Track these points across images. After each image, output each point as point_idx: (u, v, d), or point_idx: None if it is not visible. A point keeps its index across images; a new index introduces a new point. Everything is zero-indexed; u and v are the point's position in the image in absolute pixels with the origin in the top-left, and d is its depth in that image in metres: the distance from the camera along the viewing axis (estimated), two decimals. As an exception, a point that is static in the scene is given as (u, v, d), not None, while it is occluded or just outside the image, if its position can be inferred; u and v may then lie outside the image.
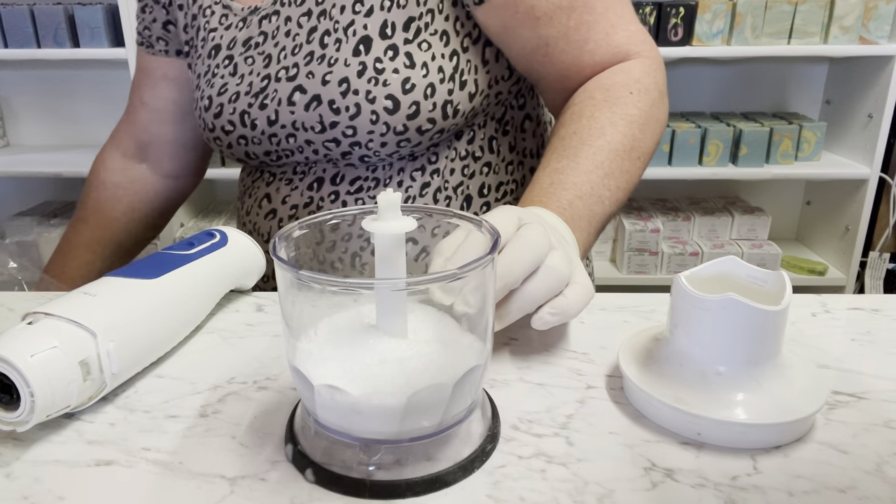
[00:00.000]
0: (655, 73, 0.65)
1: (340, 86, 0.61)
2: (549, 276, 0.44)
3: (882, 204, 1.84)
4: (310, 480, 0.36)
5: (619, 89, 0.62)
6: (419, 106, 0.62)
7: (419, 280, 0.34)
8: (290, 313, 0.36)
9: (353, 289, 0.36)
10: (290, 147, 0.66)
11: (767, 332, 0.39)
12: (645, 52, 0.65)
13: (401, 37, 0.62)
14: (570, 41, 0.63)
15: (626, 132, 0.60)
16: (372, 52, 0.61)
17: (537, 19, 0.62)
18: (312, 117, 0.63)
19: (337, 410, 0.35)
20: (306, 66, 0.63)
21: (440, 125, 0.64)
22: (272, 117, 0.65)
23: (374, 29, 0.62)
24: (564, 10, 0.62)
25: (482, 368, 0.37)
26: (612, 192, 0.59)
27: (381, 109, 0.61)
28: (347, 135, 0.63)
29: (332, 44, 0.63)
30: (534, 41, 0.63)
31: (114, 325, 0.43)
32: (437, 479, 0.36)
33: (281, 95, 0.64)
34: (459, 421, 0.37)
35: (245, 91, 0.67)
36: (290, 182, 0.70)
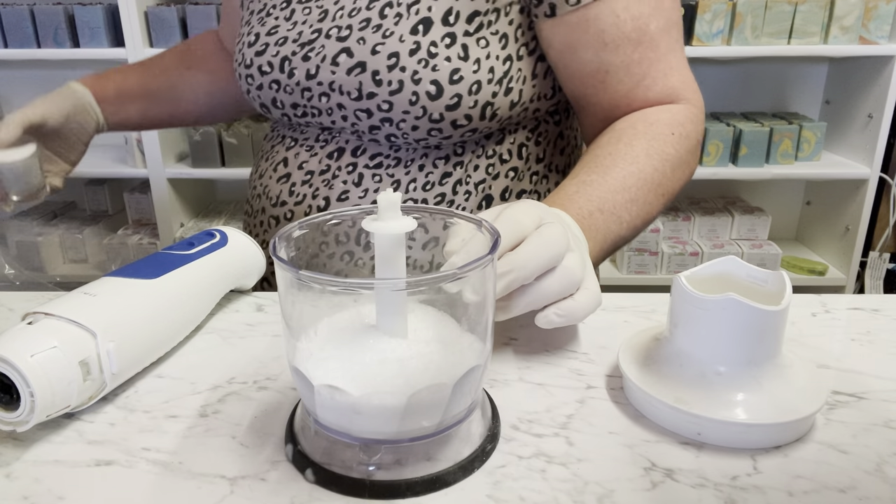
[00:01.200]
0: (697, 124, 0.67)
1: (389, 59, 0.61)
2: (563, 277, 0.44)
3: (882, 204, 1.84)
4: (310, 480, 0.36)
5: (663, 127, 0.64)
6: (461, 100, 0.62)
7: (419, 280, 0.34)
8: (290, 313, 0.36)
9: (353, 289, 0.36)
10: (320, 106, 0.66)
11: (767, 332, 0.39)
12: (694, 100, 0.67)
13: (462, 27, 0.62)
14: (630, 73, 0.64)
15: (658, 167, 0.61)
16: (429, 35, 0.61)
17: (604, 45, 0.63)
18: (352, 82, 0.63)
19: (337, 410, 0.35)
20: (360, 31, 0.63)
21: (475, 124, 0.64)
22: (312, 71, 0.65)
23: (437, 12, 0.62)
24: (632, 42, 0.63)
25: (482, 368, 0.37)
26: (632, 217, 0.59)
27: (423, 92, 0.61)
28: (382, 109, 0.62)
29: (391, 16, 0.62)
30: (594, 65, 0.64)
31: (114, 325, 0.43)
32: (437, 479, 0.36)
33: (327, 52, 0.64)
34: (459, 421, 0.37)
35: (293, 38, 0.67)
36: (310, 149, 0.70)
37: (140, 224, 1.94)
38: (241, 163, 1.75)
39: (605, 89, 0.66)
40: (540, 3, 0.63)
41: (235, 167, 1.75)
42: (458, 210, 0.53)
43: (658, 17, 0.64)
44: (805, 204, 2.05)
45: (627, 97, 0.66)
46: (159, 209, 1.80)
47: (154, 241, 1.84)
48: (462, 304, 0.37)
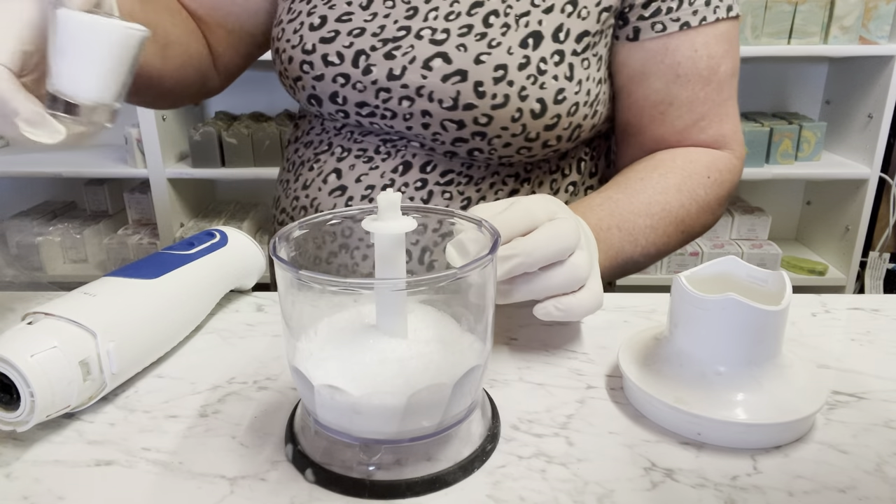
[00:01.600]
0: (735, 175, 0.68)
1: (496, 71, 0.58)
2: (569, 272, 0.44)
3: (882, 204, 1.83)
4: (310, 480, 0.36)
5: (701, 167, 0.64)
6: (559, 121, 0.60)
7: (419, 280, 0.34)
8: (290, 313, 0.36)
9: (353, 289, 0.36)
10: (398, 110, 0.61)
11: (767, 332, 0.39)
12: (738, 152, 0.68)
13: (570, 46, 0.60)
14: (692, 110, 0.65)
15: (685, 204, 0.62)
16: (539, 50, 0.59)
17: (676, 77, 0.63)
18: (447, 90, 0.58)
19: (337, 410, 0.35)
20: (460, 37, 0.59)
21: (560, 145, 0.63)
22: (396, 72, 0.60)
23: (548, 27, 0.60)
24: (702, 79, 0.63)
25: (482, 368, 0.37)
26: (648, 244, 0.60)
27: (527, 110, 0.59)
28: (479, 122, 0.59)
29: (497, 26, 0.59)
30: (660, 95, 0.64)
31: (114, 325, 0.43)
32: (437, 479, 0.36)
33: (417, 54, 0.59)
34: (459, 421, 0.37)
35: (373, 32, 0.61)
36: (369, 160, 0.64)
37: (140, 224, 1.94)
38: (241, 163, 1.75)
39: (662, 122, 0.65)
40: (624, 26, 0.63)
41: (235, 167, 1.75)
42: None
43: (728, 61, 0.64)
44: (805, 204, 2.05)
45: (682, 133, 0.66)
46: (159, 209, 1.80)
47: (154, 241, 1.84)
48: (462, 303, 0.37)
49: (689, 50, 0.62)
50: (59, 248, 1.87)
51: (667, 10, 0.62)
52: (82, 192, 2.01)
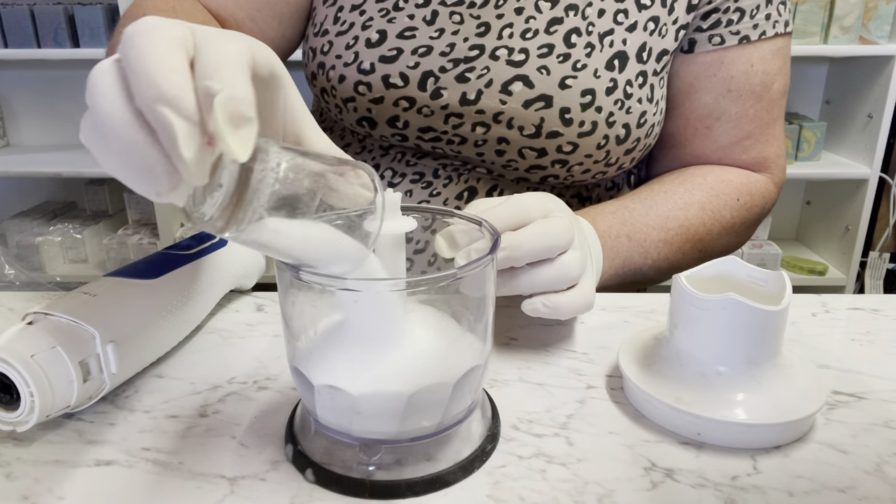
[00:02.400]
0: (768, 201, 0.65)
1: (584, 96, 0.54)
2: (557, 270, 0.43)
3: (882, 204, 1.83)
4: (310, 480, 0.36)
5: (732, 189, 0.61)
6: (638, 143, 0.58)
7: (419, 280, 0.34)
8: (289, 313, 0.36)
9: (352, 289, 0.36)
10: (468, 136, 0.56)
11: (767, 332, 0.39)
12: (777, 177, 0.65)
13: (652, 66, 0.58)
14: (739, 127, 0.62)
15: (707, 223, 0.59)
16: (626, 72, 0.56)
17: (728, 91, 0.61)
18: (530, 117, 0.55)
19: (337, 410, 0.35)
20: (540, 58, 0.55)
21: (629, 166, 0.61)
22: (470, 96, 0.55)
23: (632, 47, 0.56)
24: (754, 96, 0.61)
25: (482, 368, 0.37)
26: (659, 258, 0.57)
27: (613, 136, 0.56)
28: (564, 150, 0.55)
29: (581, 46, 0.55)
30: (708, 109, 0.62)
31: (114, 325, 0.43)
32: (437, 479, 0.36)
33: (494, 77, 0.55)
34: (459, 421, 0.37)
35: (441, 51, 0.55)
36: (428, 185, 0.59)
37: (140, 224, 1.94)
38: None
39: (707, 136, 0.63)
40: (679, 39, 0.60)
41: (235, 167, 1.75)
42: None
43: (781, 78, 0.62)
44: (805, 204, 2.05)
45: (723, 151, 0.63)
46: (159, 209, 1.80)
47: (154, 241, 1.84)
48: (462, 304, 0.37)
49: (744, 64, 0.60)
50: (59, 248, 1.87)
51: (727, 22, 0.59)
52: (82, 192, 2.01)
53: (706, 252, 0.61)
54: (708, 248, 0.61)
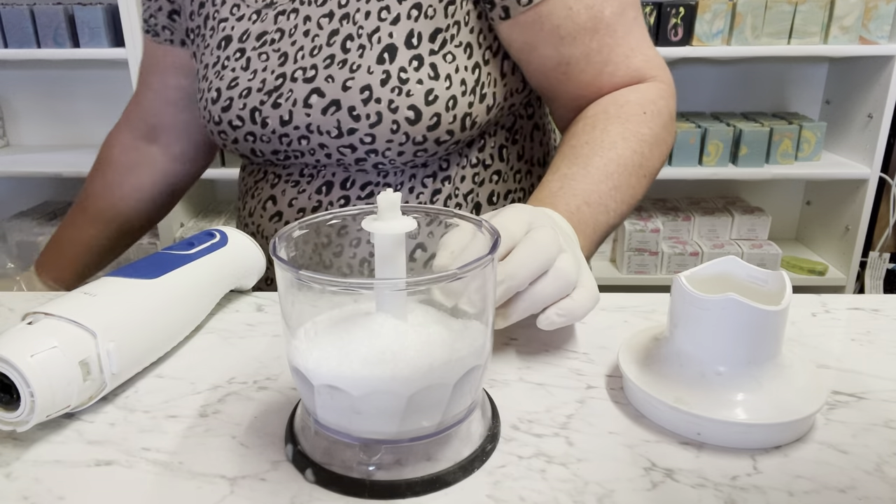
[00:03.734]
0: (668, 99, 0.67)
1: (362, 93, 0.60)
2: (558, 279, 0.44)
3: (882, 204, 1.83)
4: (310, 480, 0.36)
5: (634, 107, 0.63)
6: (440, 118, 0.62)
7: (419, 280, 0.34)
8: (289, 313, 0.36)
9: (353, 289, 0.36)
10: (302, 149, 0.65)
11: (767, 332, 0.39)
12: (661, 77, 0.67)
13: (426, 47, 0.62)
14: (591, 62, 0.64)
15: (636, 149, 0.61)
16: (396, 61, 0.61)
17: (561, 39, 0.63)
18: (329, 122, 0.62)
19: (337, 410, 0.35)
20: (325, 69, 0.62)
21: (457, 137, 0.64)
22: (285, 117, 0.64)
23: (399, 37, 0.61)
24: (588, 32, 0.63)
25: (482, 368, 0.37)
26: (618, 204, 0.59)
27: (402, 119, 0.60)
28: (365, 142, 0.62)
29: (354, 49, 0.62)
30: (555, 59, 0.64)
31: (114, 325, 0.43)
32: (437, 479, 0.36)
33: (297, 96, 0.63)
34: (459, 421, 0.37)
35: (258, 87, 0.65)
36: (296, 184, 0.69)
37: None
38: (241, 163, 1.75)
39: (569, 80, 0.66)
40: (493, 8, 0.63)
41: (236, 167, 1.75)
42: None
43: (611, 1, 0.63)
44: (805, 204, 2.05)
45: (593, 85, 0.66)
46: (159, 209, 1.79)
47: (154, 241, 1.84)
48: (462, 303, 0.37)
49: (563, 10, 0.62)
50: (59, 248, 1.86)
51: None
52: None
53: (649, 173, 0.63)
54: (648, 170, 0.63)
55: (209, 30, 0.71)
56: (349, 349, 0.35)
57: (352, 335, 0.36)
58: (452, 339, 0.37)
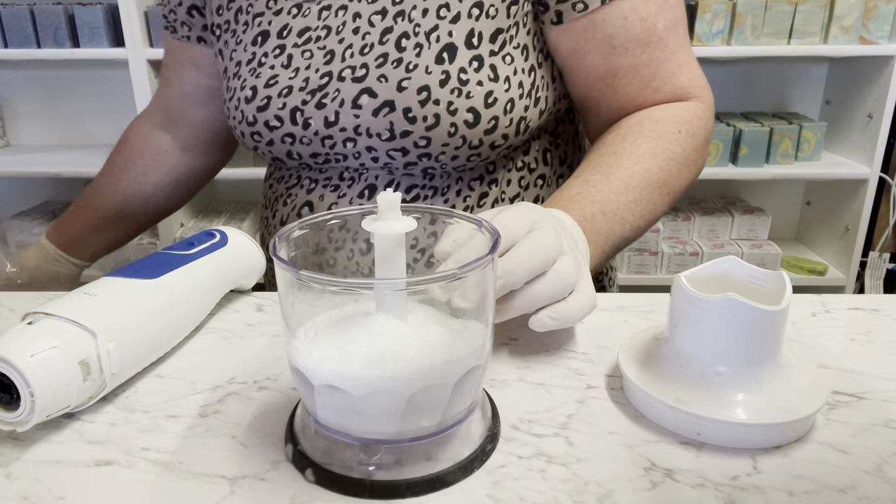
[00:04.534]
0: (706, 120, 0.65)
1: (419, 94, 0.58)
2: (555, 281, 0.44)
3: (882, 204, 1.83)
4: (310, 480, 0.36)
5: (669, 125, 0.62)
6: (498, 121, 0.60)
7: (419, 280, 0.34)
8: (289, 313, 0.36)
9: (352, 289, 0.36)
10: (346, 151, 0.63)
11: (767, 332, 0.39)
12: (703, 97, 0.66)
13: (486, 48, 0.60)
14: (639, 75, 0.63)
15: (664, 166, 0.60)
16: (456, 62, 0.59)
17: (612, 48, 0.62)
18: (381, 123, 0.59)
19: (337, 410, 0.35)
20: (378, 68, 0.59)
21: (511, 141, 0.62)
22: (331, 118, 0.61)
23: (459, 37, 0.59)
24: (640, 44, 0.62)
25: (482, 368, 0.37)
26: (636, 218, 0.59)
27: (461, 122, 0.58)
28: (419, 145, 0.60)
29: (410, 48, 0.59)
30: (602, 69, 0.63)
31: (114, 325, 0.43)
32: (437, 479, 0.36)
33: (344, 96, 0.60)
34: (459, 421, 0.37)
35: (300, 86, 0.62)
36: (336, 189, 0.66)
37: None
38: (241, 163, 1.75)
39: (613, 92, 0.64)
40: (546, 11, 0.62)
41: (235, 167, 1.75)
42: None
43: (665, 14, 0.62)
44: (805, 204, 2.05)
45: (637, 98, 0.64)
46: (159, 209, 1.79)
47: (154, 241, 1.84)
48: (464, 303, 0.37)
49: (618, 20, 0.61)
50: (59, 248, 1.87)
51: None
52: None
53: (674, 192, 0.62)
54: (673, 188, 0.62)
55: (241, 25, 0.67)
56: (349, 349, 0.35)
57: (352, 335, 0.36)
58: (452, 339, 0.37)
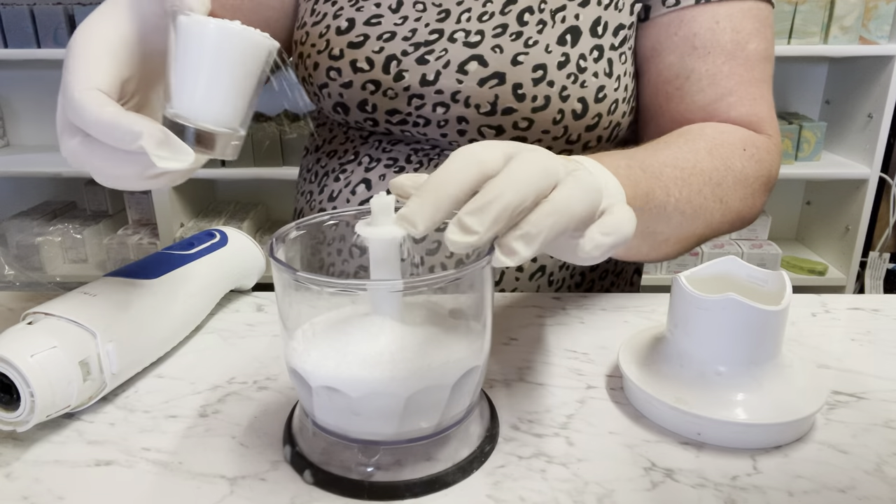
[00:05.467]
0: (774, 160, 0.58)
1: (535, 71, 0.54)
2: (580, 182, 0.33)
3: (882, 204, 1.83)
4: (308, 482, 0.36)
5: (735, 140, 0.55)
6: (600, 120, 0.57)
7: (416, 282, 0.33)
8: (287, 314, 0.36)
9: (350, 290, 0.36)
10: (431, 117, 0.58)
11: (767, 332, 0.39)
12: (776, 139, 0.60)
13: (609, 40, 0.57)
14: (715, 84, 0.58)
15: (720, 169, 0.53)
16: (578, 47, 0.56)
17: (693, 49, 0.58)
18: (485, 95, 0.55)
19: (335, 412, 0.35)
20: (494, 38, 0.56)
21: (601, 147, 0.59)
22: (430, 77, 0.56)
23: (585, 21, 0.56)
24: (725, 53, 0.57)
25: (480, 370, 0.37)
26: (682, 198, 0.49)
27: (568, 110, 0.55)
28: (519, 127, 0.56)
29: (533, 23, 0.56)
30: (675, 69, 0.59)
31: (114, 325, 0.43)
32: (436, 479, 0.36)
33: (451, 58, 0.56)
34: (458, 422, 0.37)
35: (404, 36, 0.58)
36: (400, 170, 0.61)
37: (140, 224, 1.94)
38: (241, 163, 1.75)
39: (681, 98, 0.59)
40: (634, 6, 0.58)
41: (235, 167, 1.75)
42: None
43: (759, 40, 0.58)
44: (805, 204, 2.05)
45: (706, 110, 0.58)
46: (159, 209, 1.79)
47: (154, 241, 1.84)
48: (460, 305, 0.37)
49: (708, 21, 0.57)
50: (59, 248, 1.87)
51: None
52: (82, 192, 2.01)
53: (726, 204, 0.53)
54: (726, 197, 0.53)
55: None
56: (347, 351, 0.35)
57: (350, 337, 0.36)
58: (450, 340, 0.37)
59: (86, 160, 0.37)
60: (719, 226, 0.55)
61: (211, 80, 0.36)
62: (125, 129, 0.35)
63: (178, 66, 0.36)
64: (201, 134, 0.37)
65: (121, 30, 0.39)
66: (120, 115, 0.35)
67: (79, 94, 0.35)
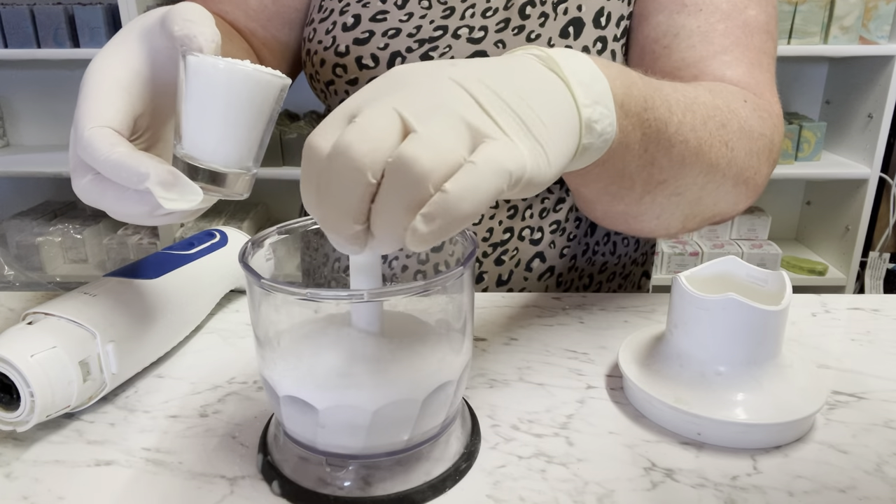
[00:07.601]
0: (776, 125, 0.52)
1: None
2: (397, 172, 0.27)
3: (882, 204, 1.83)
4: (276, 493, 0.35)
5: (735, 90, 0.50)
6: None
7: (389, 291, 0.32)
8: (256, 322, 0.35)
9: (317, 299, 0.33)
10: None
11: (767, 332, 0.39)
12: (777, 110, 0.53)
13: (612, 31, 0.56)
14: (708, 41, 0.53)
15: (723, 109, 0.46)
16: (581, 39, 0.55)
17: (683, 6, 0.54)
18: None
19: (302, 423, 0.34)
20: (497, 32, 0.56)
21: None
22: None
23: (588, 13, 0.55)
24: (720, 12, 0.53)
25: (454, 385, 0.35)
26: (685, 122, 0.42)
27: None
28: None
29: (535, 16, 0.55)
30: (662, 28, 0.54)
31: (114, 325, 0.43)
32: (405, 497, 0.34)
33: (455, 54, 0.56)
34: (432, 437, 0.36)
35: (409, 33, 0.58)
36: None
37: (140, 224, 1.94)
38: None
39: (668, 56, 0.54)
40: None
41: (235, 167, 1.74)
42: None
43: (760, 10, 0.54)
44: (805, 204, 2.05)
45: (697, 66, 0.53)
46: (159, 209, 1.79)
47: (154, 241, 1.84)
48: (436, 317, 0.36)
49: None
50: (59, 248, 1.87)
51: None
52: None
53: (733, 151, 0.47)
54: (732, 142, 0.46)
55: None
56: (313, 361, 0.34)
57: (318, 346, 0.35)
58: (423, 353, 0.35)
59: (97, 198, 0.36)
60: (722, 181, 0.48)
61: (222, 121, 0.35)
62: (132, 170, 0.34)
63: (188, 107, 0.35)
64: (212, 174, 0.36)
65: (132, 65, 0.38)
66: (128, 154, 0.34)
67: (89, 132, 0.35)
